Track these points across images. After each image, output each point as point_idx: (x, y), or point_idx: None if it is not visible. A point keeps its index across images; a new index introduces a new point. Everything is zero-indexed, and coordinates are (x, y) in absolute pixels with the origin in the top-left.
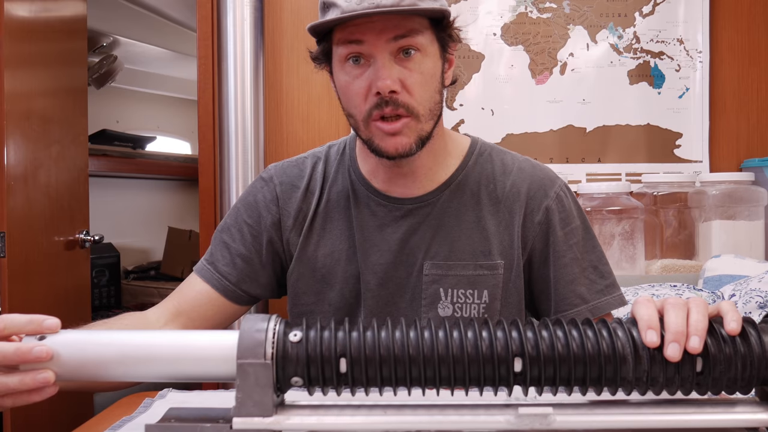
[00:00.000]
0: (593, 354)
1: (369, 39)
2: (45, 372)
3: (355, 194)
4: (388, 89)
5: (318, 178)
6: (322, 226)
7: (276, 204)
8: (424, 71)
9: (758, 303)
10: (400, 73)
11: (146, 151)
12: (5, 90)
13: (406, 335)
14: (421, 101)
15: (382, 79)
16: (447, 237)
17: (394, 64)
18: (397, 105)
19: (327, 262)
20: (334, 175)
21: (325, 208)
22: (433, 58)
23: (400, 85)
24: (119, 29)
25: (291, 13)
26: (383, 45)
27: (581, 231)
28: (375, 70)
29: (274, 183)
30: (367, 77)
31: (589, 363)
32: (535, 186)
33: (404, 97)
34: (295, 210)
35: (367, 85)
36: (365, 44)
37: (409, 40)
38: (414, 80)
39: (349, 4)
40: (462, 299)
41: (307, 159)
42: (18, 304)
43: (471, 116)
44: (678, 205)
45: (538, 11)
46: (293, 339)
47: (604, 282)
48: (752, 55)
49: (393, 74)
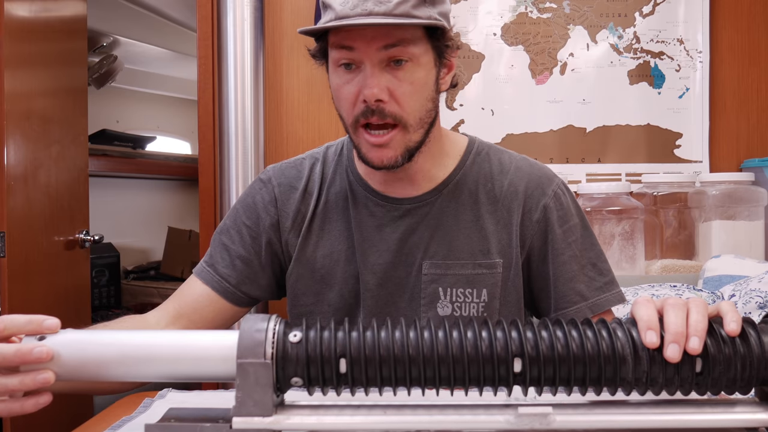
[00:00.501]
0: (593, 354)
1: (359, 46)
2: (45, 372)
3: (353, 194)
4: (374, 98)
5: (316, 179)
6: (321, 226)
7: (274, 205)
8: (415, 81)
9: (758, 303)
10: (390, 82)
11: (146, 151)
12: (5, 90)
13: (405, 335)
14: (410, 111)
15: (369, 87)
16: (445, 236)
17: (383, 73)
18: (384, 114)
19: (326, 262)
20: (332, 175)
21: (324, 208)
22: (425, 66)
23: (387, 95)
24: (119, 29)
25: (291, 13)
26: (373, 53)
27: (580, 229)
28: (364, 77)
29: (273, 184)
30: (357, 83)
31: (589, 363)
32: (533, 184)
33: (392, 106)
34: (293, 211)
35: (356, 91)
36: (356, 51)
37: (399, 50)
38: (403, 90)
39: (344, 8)
40: (461, 298)
41: (305, 160)
42: (18, 304)
43: (471, 116)
44: (678, 205)
45: (538, 11)
46: (293, 339)
47: (603, 279)
48: (752, 55)
49: (381, 83)
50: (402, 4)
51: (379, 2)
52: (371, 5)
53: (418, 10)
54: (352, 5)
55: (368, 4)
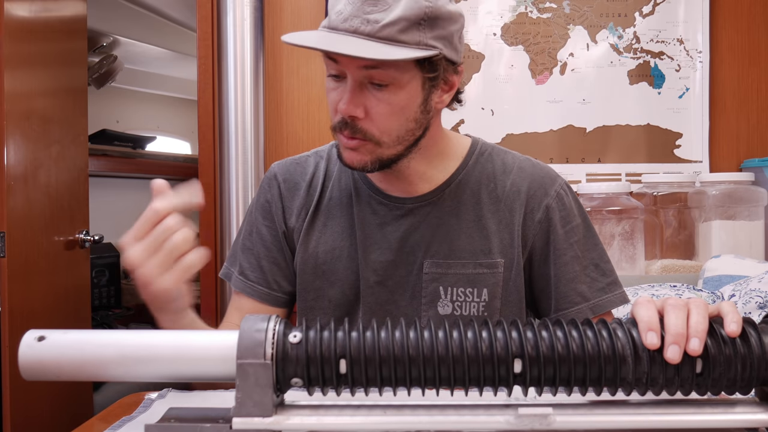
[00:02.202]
0: (593, 355)
1: (342, 60)
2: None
3: (357, 192)
4: (348, 114)
5: (320, 175)
6: (324, 222)
7: (281, 200)
8: (394, 103)
9: (758, 303)
10: (368, 101)
11: (146, 151)
12: (5, 90)
13: (405, 335)
14: (384, 130)
15: (345, 103)
16: (447, 235)
17: (362, 91)
18: (355, 130)
19: (327, 258)
20: (338, 173)
21: (327, 205)
22: (408, 90)
23: (363, 112)
24: (119, 29)
25: (291, 13)
26: (354, 70)
27: (582, 229)
28: (343, 92)
29: (278, 180)
30: (340, 93)
31: (589, 363)
32: (535, 184)
33: (365, 123)
34: (297, 207)
35: (338, 101)
36: (340, 64)
37: (379, 73)
38: (379, 110)
39: (337, 18)
40: (461, 297)
41: (310, 157)
42: (18, 304)
43: (471, 116)
44: (678, 205)
45: (538, 11)
46: (293, 340)
47: (606, 280)
48: (752, 55)
49: (357, 100)
50: (388, 27)
51: (366, 21)
52: (358, 23)
53: (406, 34)
54: (343, 17)
55: (356, 21)
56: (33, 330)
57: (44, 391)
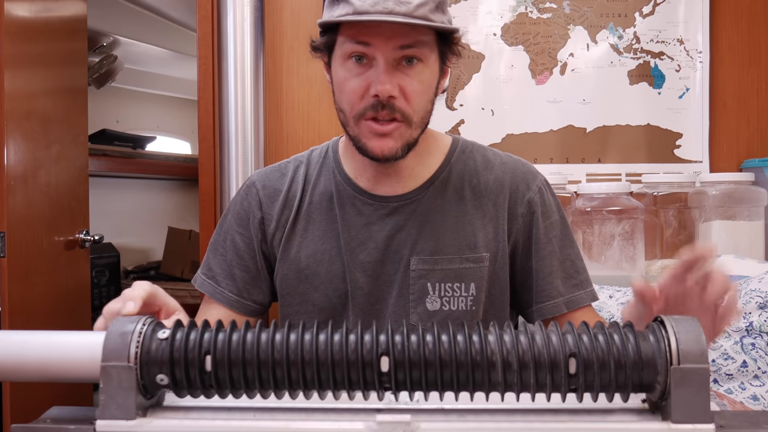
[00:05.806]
0: (461, 358)
1: (376, 43)
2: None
3: (339, 195)
4: (387, 94)
5: (299, 180)
6: (305, 227)
7: (260, 208)
8: (423, 81)
9: (758, 303)
10: (401, 80)
11: (146, 151)
12: (5, 90)
13: (272, 337)
14: (416, 109)
15: (383, 83)
16: (433, 232)
17: (396, 70)
18: (394, 110)
19: (310, 263)
20: (316, 177)
21: (307, 210)
22: (432, 69)
23: (399, 91)
24: (119, 29)
25: (291, 13)
26: (389, 51)
27: (560, 225)
28: (377, 73)
29: (257, 188)
30: (367, 77)
31: (456, 367)
32: (518, 179)
33: (401, 103)
34: (277, 213)
35: (365, 85)
36: (371, 47)
37: (414, 51)
38: (413, 88)
39: (363, 4)
40: (449, 293)
41: (289, 164)
42: (18, 304)
43: (471, 116)
44: (678, 205)
45: (538, 11)
46: (161, 336)
47: (580, 277)
48: (752, 55)
49: (394, 80)
50: (421, 7)
51: (399, 2)
52: (392, 4)
53: (434, 14)
54: (372, 2)
55: (389, 3)
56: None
57: (44, 391)
